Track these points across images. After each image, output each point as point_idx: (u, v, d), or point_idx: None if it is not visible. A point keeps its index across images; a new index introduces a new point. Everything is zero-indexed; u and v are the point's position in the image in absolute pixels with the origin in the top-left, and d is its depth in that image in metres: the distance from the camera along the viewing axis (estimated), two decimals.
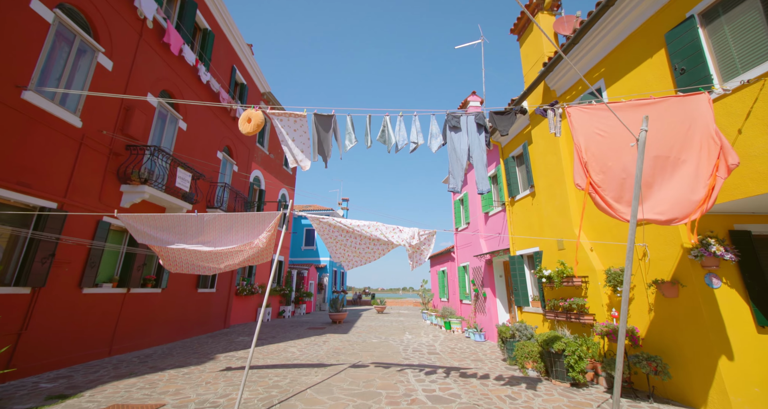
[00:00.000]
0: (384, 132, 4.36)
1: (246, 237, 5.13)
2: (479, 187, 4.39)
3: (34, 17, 5.48)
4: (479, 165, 4.38)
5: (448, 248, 15.93)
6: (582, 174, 3.70)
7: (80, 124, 6.29)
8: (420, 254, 5.20)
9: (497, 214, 10.28)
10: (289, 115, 4.59)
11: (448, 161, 4.38)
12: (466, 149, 4.36)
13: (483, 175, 4.42)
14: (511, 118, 4.44)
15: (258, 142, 14.85)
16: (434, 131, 4.43)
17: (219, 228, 5.13)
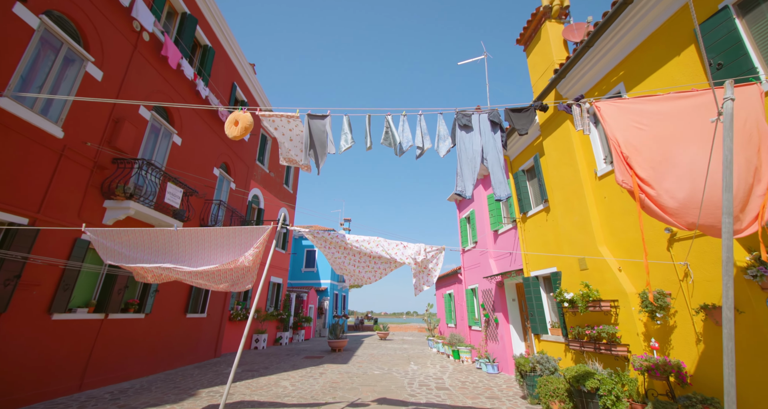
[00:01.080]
0: (387, 133, 3.87)
1: (230, 254, 4.54)
2: (497, 192, 3.82)
3: (17, 22, 5.21)
4: (495, 167, 3.84)
5: (454, 269, 15.13)
6: (624, 170, 3.13)
7: (61, 134, 5.89)
8: (427, 273, 4.56)
9: (508, 232, 9.64)
10: (281, 116, 4.13)
11: (457, 163, 3.85)
12: (479, 150, 3.83)
13: (501, 179, 3.86)
14: (530, 116, 3.94)
15: (258, 160, 14.53)
16: (442, 133, 3.93)
17: (199, 243, 4.55)
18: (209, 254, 4.57)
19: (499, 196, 3.81)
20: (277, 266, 15.94)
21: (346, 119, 3.94)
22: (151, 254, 4.53)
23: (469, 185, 3.79)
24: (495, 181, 3.84)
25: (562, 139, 6.70)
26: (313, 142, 3.92)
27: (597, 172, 6.01)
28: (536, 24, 7.40)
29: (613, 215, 5.69)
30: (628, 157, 3.22)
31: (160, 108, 8.54)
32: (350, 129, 3.89)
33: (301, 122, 4.11)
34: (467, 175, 3.78)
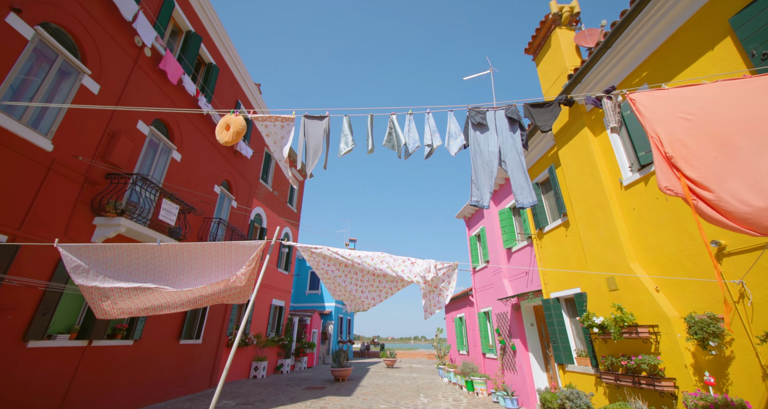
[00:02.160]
0: (391, 135, 3.46)
1: (220, 272, 4.05)
2: (520, 199, 3.32)
3: (9, 32, 5.05)
4: (516, 171, 3.36)
5: (465, 290, 14.33)
6: (669, 173, 2.62)
7: (50, 147, 5.61)
8: (438, 294, 3.99)
9: (522, 249, 9.01)
10: (275, 119, 3.76)
11: (471, 167, 3.39)
12: (496, 152, 3.38)
13: (523, 183, 3.37)
14: (554, 111, 3.51)
15: (261, 179, 14.28)
16: (453, 130, 3.51)
17: (185, 261, 4.07)
18: (197, 273, 4.08)
19: (522, 204, 3.31)
20: (279, 287, 15.31)
21: (347, 120, 3.55)
22: (130, 273, 4.06)
23: (486, 193, 3.31)
24: (516, 186, 3.36)
25: (580, 147, 6.24)
26: (308, 144, 3.51)
27: (622, 181, 5.49)
28: (545, 32, 7.16)
29: (645, 228, 5.11)
30: (672, 158, 2.72)
31: (159, 123, 8.35)
32: (351, 131, 3.49)
33: (293, 128, 3.73)
34: (483, 181, 3.31)
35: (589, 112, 6.17)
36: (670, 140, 2.69)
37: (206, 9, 9.79)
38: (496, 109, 3.49)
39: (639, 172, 5.18)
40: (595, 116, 6.05)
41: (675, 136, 2.71)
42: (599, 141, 5.93)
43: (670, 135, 2.73)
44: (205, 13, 9.83)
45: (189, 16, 9.28)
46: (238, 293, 4.03)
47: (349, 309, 4.14)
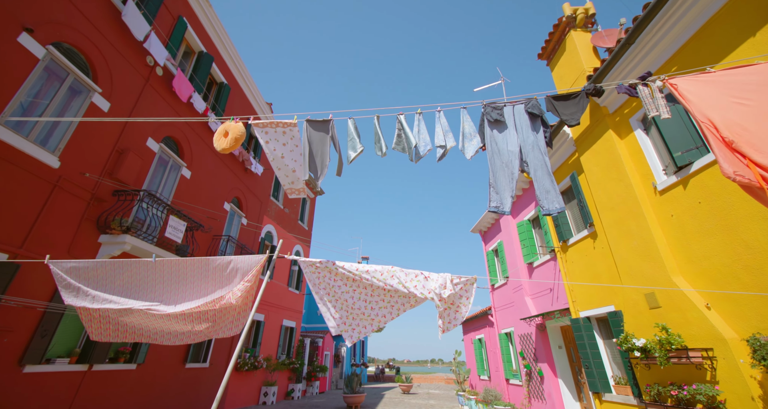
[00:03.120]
0: (400, 136, 3.16)
1: (212, 289, 3.73)
2: (546, 205, 2.93)
3: (20, 51, 5.10)
4: (540, 172, 2.99)
5: (484, 309, 13.57)
6: (734, 159, 2.20)
7: (57, 164, 5.55)
8: (456, 310, 3.56)
9: (545, 264, 8.41)
10: (276, 124, 3.52)
11: (489, 169, 3.03)
12: (517, 151, 3.03)
13: (548, 187, 2.98)
14: (581, 103, 3.16)
15: (272, 196, 14.20)
16: (467, 131, 3.19)
17: (180, 277, 3.78)
18: (191, 290, 3.78)
19: (549, 210, 2.91)
20: (290, 307, 14.88)
21: (352, 123, 3.28)
22: (123, 292, 3.78)
23: (507, 197, 2.93)
24: (540, 190, 2.97)
25: (604, 152, 5.81)
26: (312, 152, 3.24)
27: (656, 185, 5.00)
28: (559, 35, 6.90)
29: (687, 237, 4.57)
30: (733, 143, 2.31)
31: (170, 141, 8.36)
32: (357, 134, 3.21)
33: (298, 132, 3.47)
34: (503, 184, 2.95)
35: (613, 113, 5.76)
36: (727, 125, 2.29)
37: (218, 30, 10.02)
38: (514, 104, 3.16)
39: (675, 175, 4.70)
40: (619, 118, 5.64)
41: (732, 121, 2.31)
42: (626, 144, 5.50)
43: (727, 120, 2.33)
44: (217, 34, 10.06)
45: (201, 37, 9.49)
46: (231, 319, 3.67)
47: (351, 341, 3.68)
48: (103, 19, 6.47)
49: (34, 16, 5.29)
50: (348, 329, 3.77)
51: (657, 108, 2.75)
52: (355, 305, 3.68)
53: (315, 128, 3.34)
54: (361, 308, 3.67)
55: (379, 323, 3.53)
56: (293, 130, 3.47)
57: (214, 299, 3.69)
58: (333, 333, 3.84)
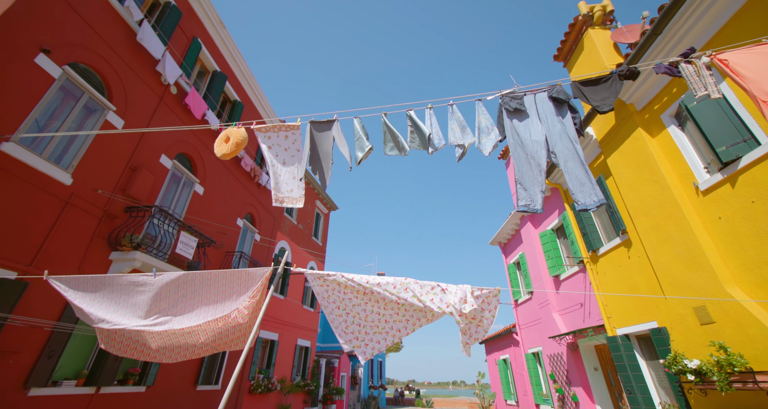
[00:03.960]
0: (413, 133, 2.90)
1: (219, 306, 3.47)
2: (581, 199, 2.57)
3: (36, 71, 5.21)
4: (571, 163, 2.64)
5: (507, 327, 12.80)
6: None
7: (70, 181, 5.56)
8: (477, 324, 3.17)
9: (573, 276, 7.81)
10: (279, 128, 3.34)
11: (513, 164, 2.71)
12: (542, 141, 2.70)
13: (582, 178, 2.62)
14: (612, 87, 2.83)
15: (286, 212, 14.13)
16: (483, 125, 2.90)
17: (180, 293, 3.55)
18: (193, 307, 3.54)
19: (585, 205, 2.54)
20: (305, 326, 14.49)
21: (358, 122, 3.06)
22: (123, 308, 3.58)
23: (536, 193, 2.60)
24: (573, 182, 2.62)
25: (634, 152, 5.37)
26: (317, 154, 3.01)
27: (698, 185, 4.52)
28: (576, 35, 6.63)
29: (740, 241, 4.04)
30: None
31: (183, 157, 8.41)
32: (364, 133, 2.98)
33: (300, 136, 3.28)
34: (531, 178, 2.62)
35: (642, 110, 5.36)
36: None
37: (231, 50, 10.26)
38: (536, 93, 2.87)
39: (721, 173, 4.22)
40: (649, 115, 5.23)
41: None
42: (659, 142, 5.06)
43: None
44: (230, 53, 10.30)
45: (215, 57, 9.71)
46: (236, 336, 3.40)
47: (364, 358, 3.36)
48: (118, 39, 6.64)
49: (53, 37, 5.44)
50: (361, 344, 3.44)
51: (705, 86, 2.39)
52: (368, 318, 3.36)
53: (319, 130, 3.13)
54: (374, 321, 3.34)
55: (393, 338, 3.19)
56: (296, 133, 3.28)
57: (218, 318, 3.44)
58: (345, 350, 3.52)
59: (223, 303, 3.48)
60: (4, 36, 4.82)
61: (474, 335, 3.04)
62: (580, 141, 2.82)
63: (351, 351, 19.69)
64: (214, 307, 3.49)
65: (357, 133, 2.94)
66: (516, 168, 2.67)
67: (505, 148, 10.75)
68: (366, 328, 3.43)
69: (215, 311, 3.47)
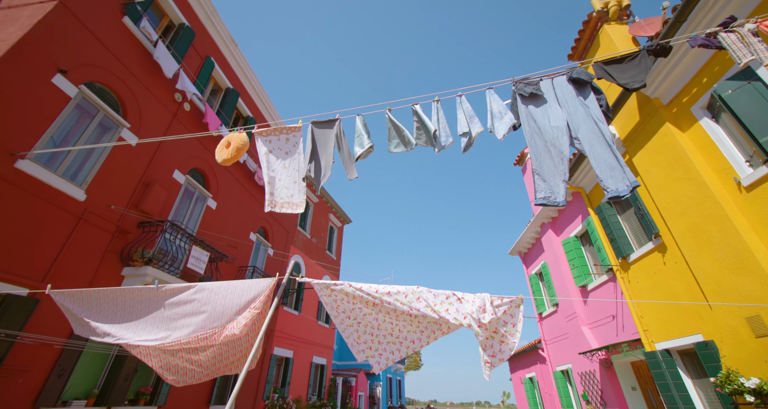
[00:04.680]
0: (420, 129, 2.71)
1: (219, 319, 3.28)
2: (611, 185, 2.29)
3: (53, 90, 5.36)
4: (597, 147, 2.37)
5: (532, 343, 12.08)
6: None
7: (83, 197, 5.61)
8: (501, 341, 2.84)
9: (602, 286, 7.28)
10: (279, 131, 3.22)
11: (530, 154, 2.46)
12: (563, 126, 2.45)
13: (611, 161, 2.35)
14: (641, 64, 2.58)
15: (299, 226, 14.08)
16: (496, 110, 2.68)
17: (180, 305, 3.39)
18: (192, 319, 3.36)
19: (617, 192, 2.25)
20: (320, 343, 14.14)
21: (360, 120, 2.90)
22: (125, 321, 3.44)
23: (558, 184, 2.33)
24: (601, 167, 2.34)
25: (664, 148, 4.99)
26: (317, 152, 2.85)
27: (740, 181, 4.10)
28: (591, 32, 6.38)
29: None
30: None
31: (196, 173, 8.49)
32: (366, 131, 2.80)
33: (301, 138, 3.14)
34: (550, 168, 2.36)
35: (669, 104, 5.01)
36: None
37: (243, 68, 10.50)
38: (553, 77, 2.63)
39: (766, 165, 3.81)
40: (677, 108, 4.87)
41: None
42: (691, 136, 4.68)
43: None
44: (243, 71, 10.54)
45: (228, 75, 9.94)
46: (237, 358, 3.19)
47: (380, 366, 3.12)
48: (134, 59, 6.83)
49: (70, 59, 5.61)
50: (374, 354, 3.20)
51: (754, 51, 2.09)
52: (381, 327, 3.13)
53: (320, 129, 2.98)
54: (387, 330, 3.10)
55: (408, 349, 2.92)
56: (297, 135, 3.14)
57: (215, 331, 3.25)
58: (358, 360, 3.29)
59: (223, 315, 3.29)
60: (22, 58, 4.99)
61: (498, 355, 2.71)
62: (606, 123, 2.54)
63: (365, 360, 19.07)
64: (214, 319, 3.30)
65: (358, 131, 2.77)
66: (533, 158, 2.41)
67: (521, 154, 10.41)
68: (379, 337, 3.20)
69: (215, 322, 3.29)
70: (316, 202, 15.84)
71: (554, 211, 8.89)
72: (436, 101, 2.73)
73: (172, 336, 3.26)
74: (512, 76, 2.59)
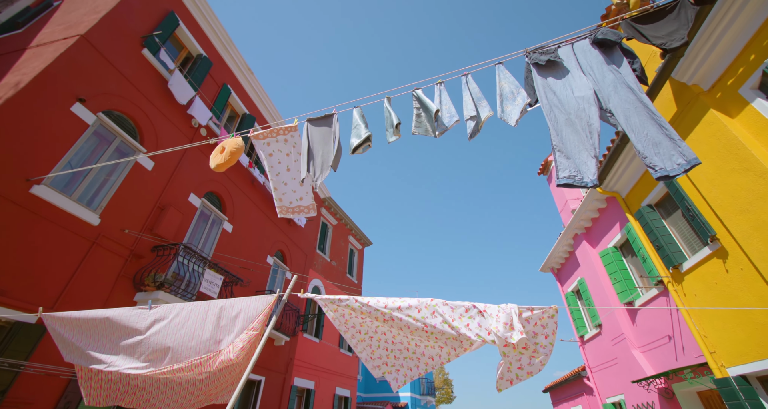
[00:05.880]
0: (420, 116, 2.40)
1: (209, 341, 2.93)
2: (658, 163, 1.87)
3: (72, 118, 5.52)
4: (636, 118, 1.97)
5: (575, 371, 10.86)
6: None
7: (97, 221, 5.61)
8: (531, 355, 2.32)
9: (652, 301, 6.41)
10: (276, 132, 3.02)
11: (550, 130, 2.07)
12: (590, 96, 2.05)
13: (656, 136, 1.93)
14: (681, 16, 2.21)
15: (318, 249, 13.83)
16: (507, 91, 2.35)
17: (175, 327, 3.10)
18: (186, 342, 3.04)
19: (667, 170, 1.83)
20: (343, 373, 13.39)
21: (357, 112, 2.62)
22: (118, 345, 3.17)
23: (586, 160, 1.92)
24: (643, 143, 1.92)
25: (711, 138, 4.41)
26: (312, 150, 2.58)
27: None
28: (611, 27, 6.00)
29: None
30: None
31: (212, 196, 8.51)
32: (364, 121, 2.52)
33: (299, 139, 2.91)
34: (576, 142, 1.96)
35: (711, 89, 4.47)
36: None
37: (260, 94, 10.80)
38: (573, 42, 2.27)
39: None
40: (722, 93, 4.33)
41: None
42: (743, 121, 4.09)
43: None
44: (259, 97, 10.83)
45: (244, 101, 10.22)
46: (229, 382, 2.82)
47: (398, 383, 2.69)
48: (152, 87, 7.08)
49: (89, 88, 5.83)
50: (391, 370, 2.78)
51: None
52: (395, 341, 2.72)
53: (317, 126, 2.73)
54: (403, 344, 2.69)
55: (426, 366, 2.49)
56: (295, 135, 2.91)
57: (210, 356, 2.90)
58: (375, 376, 2.86)
59: (219, 338, 2.95)
60: (43, 88, 5.19)
61: (527, 368, 2.21)
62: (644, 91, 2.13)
63: (381, 377, 17.85)
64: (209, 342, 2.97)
65: (355, 122, 2.50)
66: (553, 133, 2.02)
67: (545, 162, 9.85)
68: (394, 352, 2.78)
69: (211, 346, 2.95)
70: (335, 225, 15.65)
71: (587, 220, 8.16)
72: (440, 84, 2.44)
73: (163, 362, 2.95)
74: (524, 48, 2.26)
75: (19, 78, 5.17)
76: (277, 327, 9.29)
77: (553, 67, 2.28)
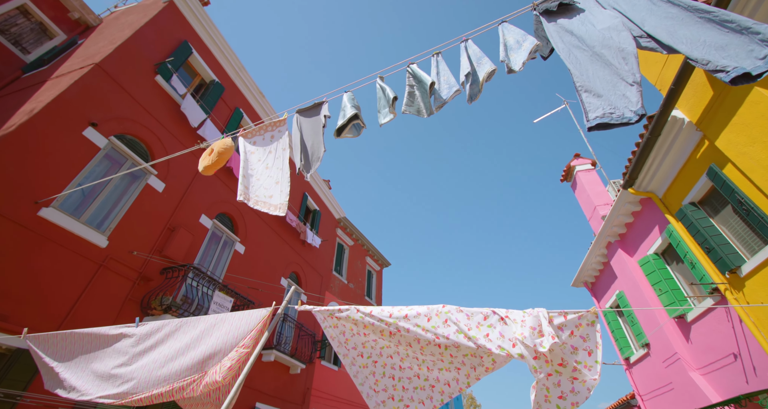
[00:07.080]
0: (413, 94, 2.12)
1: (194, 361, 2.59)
2: (729, 64, 1.57)
3: (84, 142, 5.60)
4: (685, 31, 1.61)
5: (623, 399, 9.64)
6: None
7: (105, 243, 5.54)
8: (572, 376, 1.82)
9: (707, 314, 5.59)
10: (264, 129, 2.82)
11: (571, 72, 1.71)
12: (618, 24, 1.70)
13: (718, 38, 1.58)
14: None
15: (335, 271, 13.46)
16: (511, 41, 2.06)
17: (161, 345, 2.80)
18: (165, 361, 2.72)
19: (740, 69, 1.52)
20: (364, 405, 12.52)
21: (347, 96, 2.37)
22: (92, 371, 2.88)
23: (624, 93, 1.61)
24: (700, 49, 1.58)
25: (760, 118, 3.89)
26: (304, 140, 2.33)
27: None
28: None
29: None
30: None
31: (223, 217, 8.43)
32: (352, 104, 2.26)
33: (287, 133, 2.67)
34: (606, 77, 1.62)
35: None
36: None
37: (271, 116, 10.97)
38: None
39: None
40: None
41: None
42: None
43: None
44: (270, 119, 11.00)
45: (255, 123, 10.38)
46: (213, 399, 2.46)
47: None
48: (164, 112, 7.23)
49: (101, 113, 5.96)
50: (399, 405, 2.30)
51: None
52: (404, 364, 2.28)
53: (307, 116, 2.49)
54: (413, 369, 2.24)
55: (443, 395, 2.05)
56: (282, 130, 2.71)
57: (195, 379, 2.56)
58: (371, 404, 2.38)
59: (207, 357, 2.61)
60: (56, 113, 5.32)
61: (570, 397, 1.72)
62: None
63: None
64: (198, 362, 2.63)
65: (343, 104, 2.25)
66: (576, 74, 1.67)
67: (567, 168, 9.29)
68: (403, 381, 2.32)
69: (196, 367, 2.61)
70: (352, 246, 15.32)
71: (621, 226, 7.46)
72: (436, 55, 2.16)
73: (142, 387, 2.62)
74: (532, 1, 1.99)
75: (35, 105, 5.33)
76: (292, 354, 8.83)
77: (567, 10, 1.98)
